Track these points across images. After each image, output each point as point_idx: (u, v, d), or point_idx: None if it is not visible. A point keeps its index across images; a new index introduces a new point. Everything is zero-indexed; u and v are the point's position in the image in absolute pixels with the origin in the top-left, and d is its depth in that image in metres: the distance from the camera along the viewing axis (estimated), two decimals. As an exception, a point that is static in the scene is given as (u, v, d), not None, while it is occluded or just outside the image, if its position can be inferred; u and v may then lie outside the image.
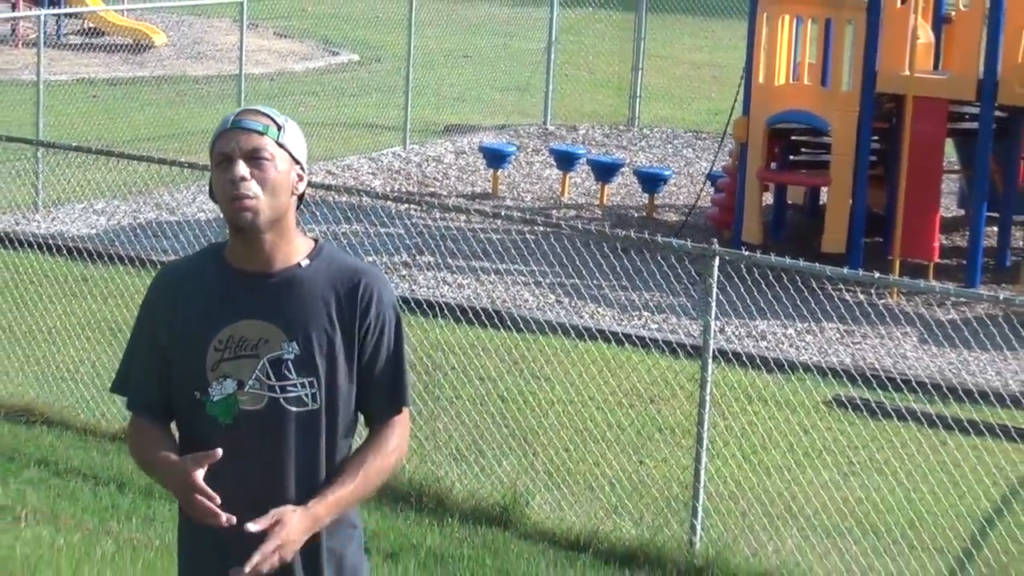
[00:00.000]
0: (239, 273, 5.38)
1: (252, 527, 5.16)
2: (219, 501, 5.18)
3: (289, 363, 5.33)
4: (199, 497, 5.17)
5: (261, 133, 5.29)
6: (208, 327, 5.34)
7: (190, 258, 5.71)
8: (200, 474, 5.17)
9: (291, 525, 5.23)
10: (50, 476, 11.53)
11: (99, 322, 14.65)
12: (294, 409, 5.35)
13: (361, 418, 5.56)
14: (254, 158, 5.26)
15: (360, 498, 5.47)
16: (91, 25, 33.49)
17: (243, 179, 5.22)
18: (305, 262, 5.40)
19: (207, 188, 5.53)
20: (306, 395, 5.35)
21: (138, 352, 5.50)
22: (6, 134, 16.83)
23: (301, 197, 5.49)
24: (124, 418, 12.32)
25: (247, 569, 5.14)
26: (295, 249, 5.41)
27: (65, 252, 16.35)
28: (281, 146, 5.33)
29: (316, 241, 5.50)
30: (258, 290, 5.36)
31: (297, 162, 5.39)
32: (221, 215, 5.05)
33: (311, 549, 5.39)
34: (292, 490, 5.39)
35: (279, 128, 5.34)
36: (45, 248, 16.01)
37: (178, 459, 5.27)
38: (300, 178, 5.42)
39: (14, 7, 32.43)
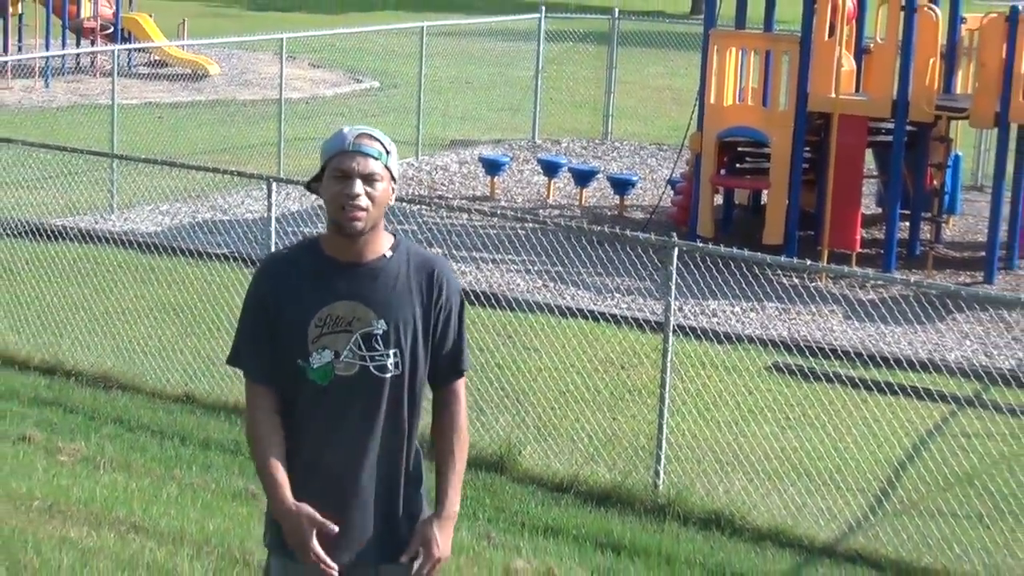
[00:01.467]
0: (335, 262, 5.48)
1: (404, 559, 5.45)
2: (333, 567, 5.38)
3: (378, 337, 5.45)
4: (314, 556, 5.36)
5: (376, 158, 5.41)
6: (309, 307, 5.44)
7: (290, 249, 5.72)
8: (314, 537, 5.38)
9: (436, 541, 5.44)
10: (124, 432, 11.54)
11: (164, 304, 14.64)
12: (381, 375, 5.47)
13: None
14: (368, 179, 5.38)
15: (463, 473, 5.60)
16: (156, 58, 33.48)
17: (359, 195, 5.35)
18: (389, 253, 5.53)
19: (304, 185, 5.65)
20: (391, 363, 5.47)
21: (250, 329, 5.57)
22: (87, 148, 16.84)
23: None
24: (184, 383, 12.38)
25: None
26: (381, 243, 5.52)
27: (136, 246, 16.36)
28: (387, 168, 5.45)
29: (395, 236, 5.60)
30: (351, 277, 5.47)
31: (394, 180, 5.49)
32: (272, 214, 5.09)
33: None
34: (378, 442, 5.51)
35: (388, 153, 5.46)
36: (119, 243, 15.98)
37: (295, 506, 5.40)
38: (394, 192, 5.53)
39: (92, 43, 32.37)
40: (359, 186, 5.35)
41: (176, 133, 24.46)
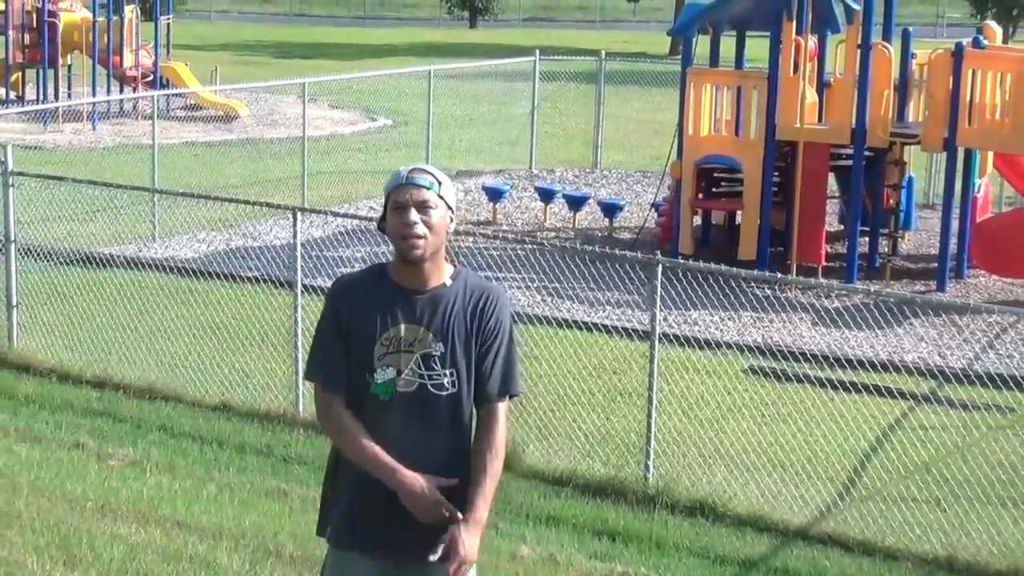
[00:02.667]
0: (400, 288, 5.47)
1: (432, 557, 5.31)
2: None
3: (436, 358, 5.43)
4: (443, 510, 5.38)
5: (428, 188, 5.39)
6: (376, 328, 5.42)
7: (361, 273, 5.71)
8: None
9: (463, 543, 5.32)
10: (167, 438, 11.53)
11: (202, 323, 14.62)
12: (438, 393, 5.45)
13: None
14: (422, 207, 5.36)
15: (496, 484, 5.52)
16: (192, 102, 33.47)
17: (415, 223, 5.34)
18: (449, 282, 5.51)
19: (376, 224, 5.65)
20: (448, 382, 5.45)
21: (327, 344, 5.51)
22: (131, 184, 16.84)
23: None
24: (221, 393, 12.37)
25: None
26: (443, 272, 5.50)
27: (176, 271, 16.33)
28: (441, 197, 5.43)
29: (455, 266, 5.59)
30: (414, 302, 5.45)
31: (450, 208, 5.48)
32: (297, 240, 5.06)
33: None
34: (435, 454, 5.48)
35: (439, 183, 5.45)
36: (161, 268, 15.96)
37: (414, 478, 5.38)
38: (452, 220, 5.50)
39: (135, 90, 32.41)
40: (414, 214, 5.35)
41: (211, 169, 24.44)
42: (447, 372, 5.43)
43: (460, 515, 5.36)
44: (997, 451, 11.35)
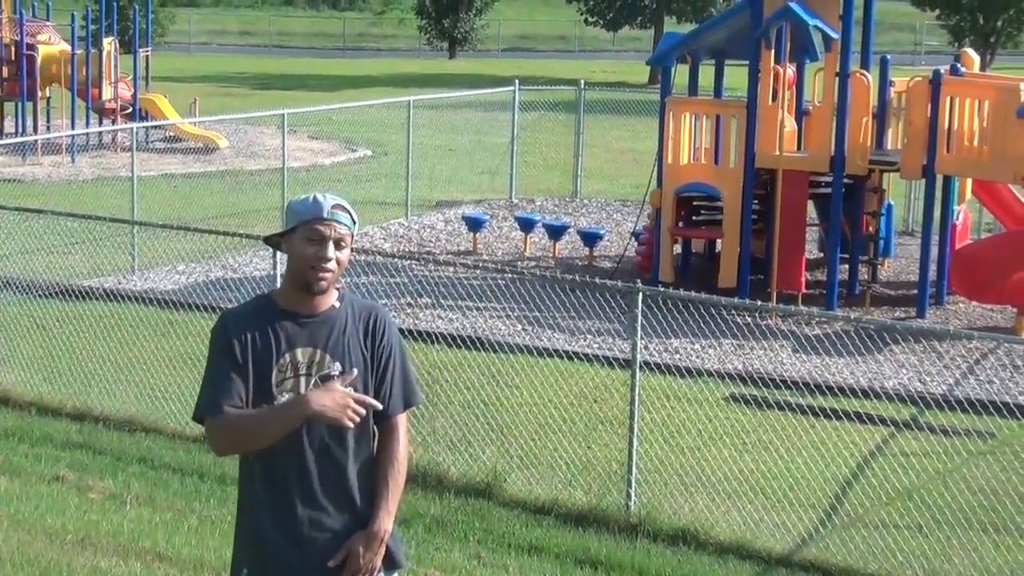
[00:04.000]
0: (291, 314, 5.51)
1: (331, 563, 5.43)
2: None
3: (334, 378, 5.45)
4: (356, 401, 5.34)
5: (347, 227, 5.51)
6: (272, 354, 5.45)
7: (247, 304, 5.73)
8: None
9: (360, 554, 5.44)
10: (148, 470, 11.50)
11: (182, 355, 14.59)
12: None
13: None
14: (339, 244, 5.48)
15: (399, 496, 5.59)
16: (171, 134, 33.50)
17: (330, 259, 5.44)
18: (337, 304, 5.58)
19: (265, 238, 5.71)
20: None
21: (225, 372, 5.44)
22: (110, 216, 16.83)
23: None
24: (202, 427, 12.32)
25: None
26: (331, 296, 5.57)
27: (155, 303, 16.32)
28: (352, 236, 5.55)
29: (337, 289, 5.63)
30: (307, 326, 5.50)
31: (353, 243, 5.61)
32: (276, 271, 5.10)
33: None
34: (338, 470, 5.51)
35: (354, 223, 5.57)
36: (140, 300, 15.95)
37: (304, 394, 5.38)
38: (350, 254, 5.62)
39: (113, 122, 32.40)
40: (331, 250, 5.45)
41: (190, 201, 24.42)
42: (347, 390, 5.44)
43: (373, 408, 5.42)
44: (978, 477, 11.38)
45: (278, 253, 12.45)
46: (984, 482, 11.19)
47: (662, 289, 12.67)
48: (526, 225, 21.43)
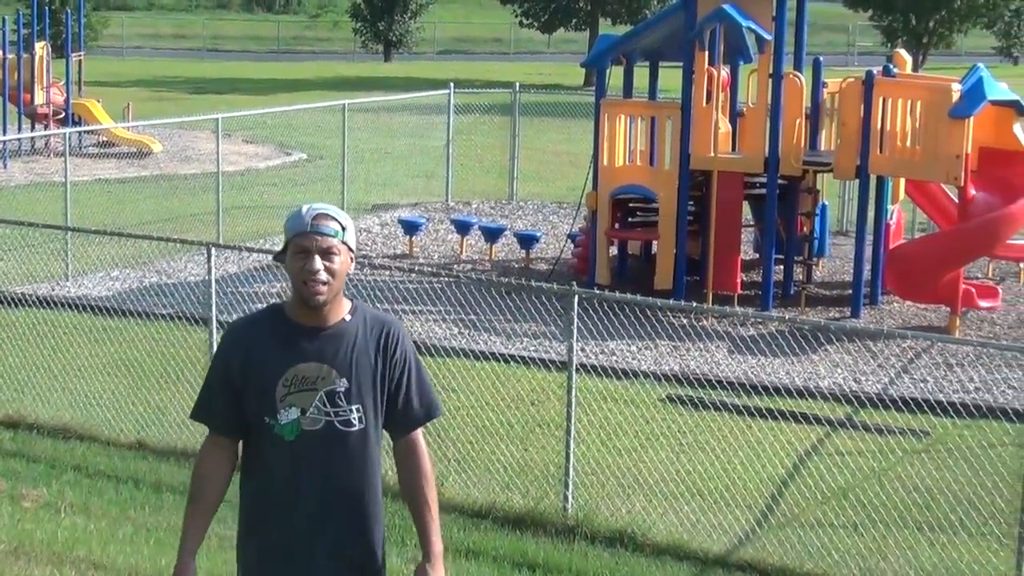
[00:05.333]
0: (299, 327, 5.46)
1: None
2: None
3: (341, 394, 5.42)
4: None
5: (333, 236, 5.40)
6: (277, 368, 5.40)
7: (255, 315, 5.70)
8: None
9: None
10: (82, 478, 11.43)
11: (117, 361, 14.52)
12: (345, 429, 5.44)
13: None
14: (326, 255, 5.38)
15: (438, 515, 5.63)
16: (105, 139, 33.28)
17: (318, 271, 5.34)
18: (348, 317, 5.51)
19: (274, 257, 5.70)
20: (354, 418, 5.44)
21: (215, 388, 5.51)
22: (43, 222, 16.71)
23: None
24: (137, 432, 12.28)
25: None
26: (341, 308, 5.49)
27: (89, 309, 16.17)
28: (344, 243, 5.43)
29: (352, 301, 5.57)
30: (315, 340, 5.44)
31: (351, 250, 5.49)
32: (212, 277, 5.07)
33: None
34: (345, 491, 5.48)
35: (344, 229, 5.44)
36: (74, 307, 15.80)
37: (186, 563, 5.57)
38: (352, 260, 5.52)
39: (46, 127, 32.17)
40: (318, 262, 5.35)
41: (124, 206, 24.28)
42: (353, 408, 5.42)
43: None
44: (913, 475, 11.46)
45: (212, 258, 12.42)
46: (919, 480, 11.27)
47: (598, 291, 12.68)
48: (462, 228, 21.42)
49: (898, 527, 10.49)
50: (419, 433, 5.63)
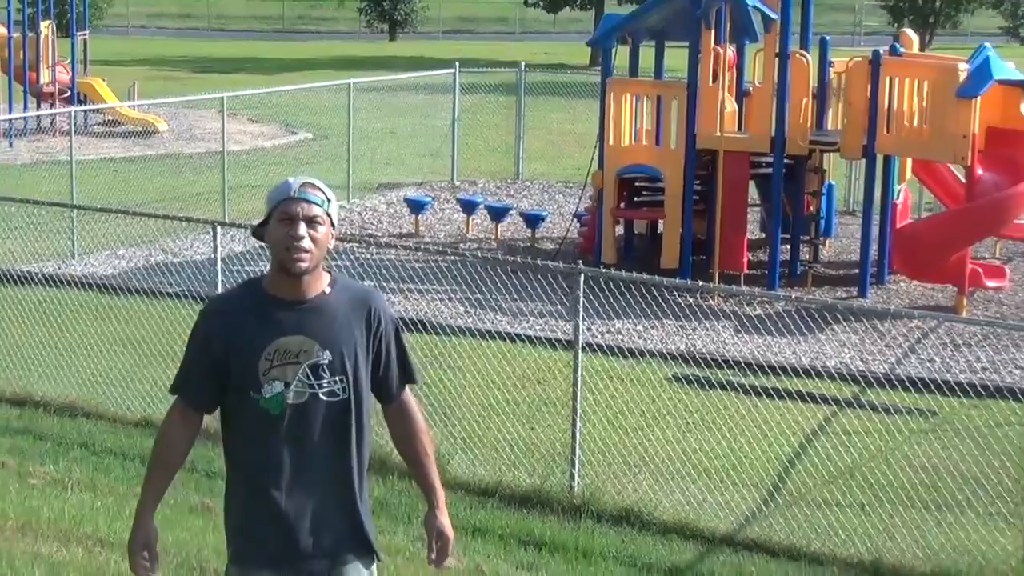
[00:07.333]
0: (279, 301, 5.42)
1: (431, 554, 5.76)
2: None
3: (324, 366, 5.40)
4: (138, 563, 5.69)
5: (319, 205, 5.38)
6: (258, 343, 5.37)
7: (232, 291, 5.67)
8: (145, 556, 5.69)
9: (446, 526, 5.75)
10: (89, 455, 11.44)
11: (122, 339, 14.52)
12: (329, 400, 5.43)
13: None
14: (311, 223, 5.35)
15: (436, 467, 5.79)
16: (110, 118, 33.26)
17: (303, 237, 5.32)
18: (328, 290, 5.47)
19: (251, 231, 5.68)
20: (338, 389, 5.43)
21: (192, 361, 5.51)
22: (49, 201, 16.72)
23: None
24: (143, 409, 12.29)
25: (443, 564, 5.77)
26: (321, 281, 5.46)
27: (95, 288, 16.22)
28: (328, 215, 5.42)
29: (331, 272, 5.55)
30: (296, 313, 5.41)
31: (333, 226, 5.47)
32: (218, 255, 5.05)
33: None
34: (331, 462, 5.48)
35: (328, 201, 5.44)
36: (80, 285, 15.84)
37: (143, 529, 5.72)
38: (333, 237, 5.48)
39: (52, 106, 32.15)
40: (303, 228, 5.32)
41: (130, 185, 24.26)
42: (337, 379, 5.41)
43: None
44: (920, 455, 11.45)
45: (218, 236, 12.42)
46: (926, 460, 11.26)
47: (604, 270, 12.67)
48: (468, 207, 21.40)
49: (905, 506, 10.47)
50: (407, 395, 5.68)
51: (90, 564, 8.88)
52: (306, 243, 5.32)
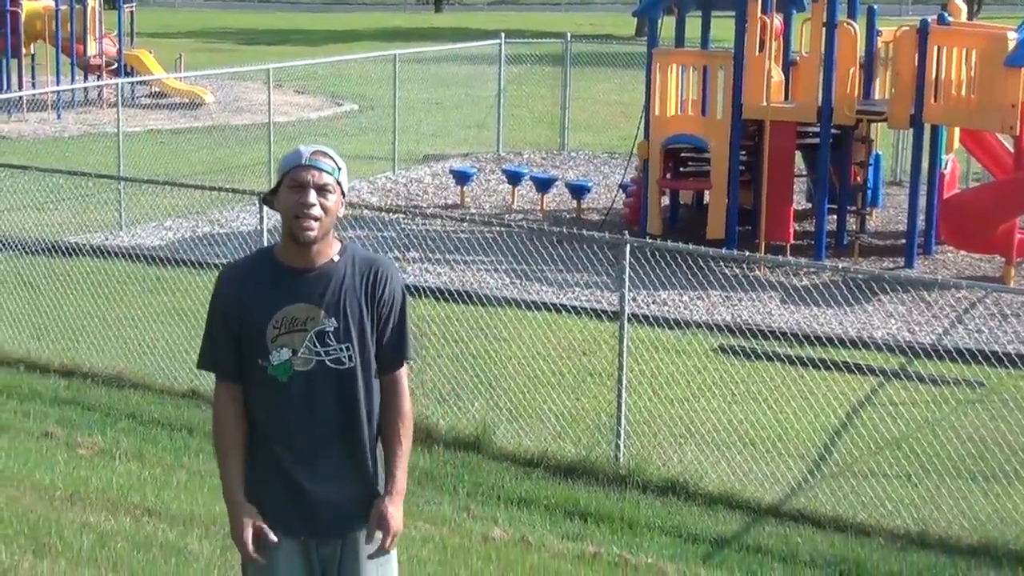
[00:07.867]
0: (288, 269, 5.45)
1: (370, 550, 5.51)
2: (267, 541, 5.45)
3: (330, 334, 5.42)
4: (249, 551, 5.44)
5: (330, 173, 5.39)
6: (267, 310, 5.41)
7: (246, 259, 5.72)
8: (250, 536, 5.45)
9: (391, 515, 5.46)
10: (137, 426, 11.51)
11: (170, 310, 14.59)
12: (336, 367, 5.44)
13: None
14: (321, 190, 5.35)
15: (408, 454, 5.60)
16: (157, 89, 33.39)
17: (313, 204, 5.33)
18: (336, 258, 5.49)
19: (260, 201, 5.65)
20: (344, 357, 5.43)
21: (217, 335, 5.52)
22: (97, 172, 16.79)
23: None
24: (190, 380, 12.34)
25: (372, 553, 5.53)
26: (331, 249, 5.48)
27: (142, 259, 16.27)
28: (339, 183, 5.43)
29: (342, 242, 5.56)
30: (304, 281, 5.43)
31: (344, 194, 5.48)
32: (264, 226, 5.08)
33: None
34: (339, 428, 5.49)
35: (339, 169, 5.45)
36: (127, 256, 15.88)
37: (243, 504, 5.48)
38: (343, 205, 5.50)
39: (99, 78, 32.27)
40: (313, 196, 5.34)
41: (176, 156, 24.35)
42: (343, 347, 5.42)
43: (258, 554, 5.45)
44: (967, 425, 11.41)
45: (264, 208, 12.44)
46: (972, 430, 11.21)
47: (650, 241, 12.63)
48: (514, 178, 21.39)
49: (952, 477, 10.43)
50: (402, 372, 5.63)
51: (138, 533, 8.93)
52: (316, 211, 5.34)
